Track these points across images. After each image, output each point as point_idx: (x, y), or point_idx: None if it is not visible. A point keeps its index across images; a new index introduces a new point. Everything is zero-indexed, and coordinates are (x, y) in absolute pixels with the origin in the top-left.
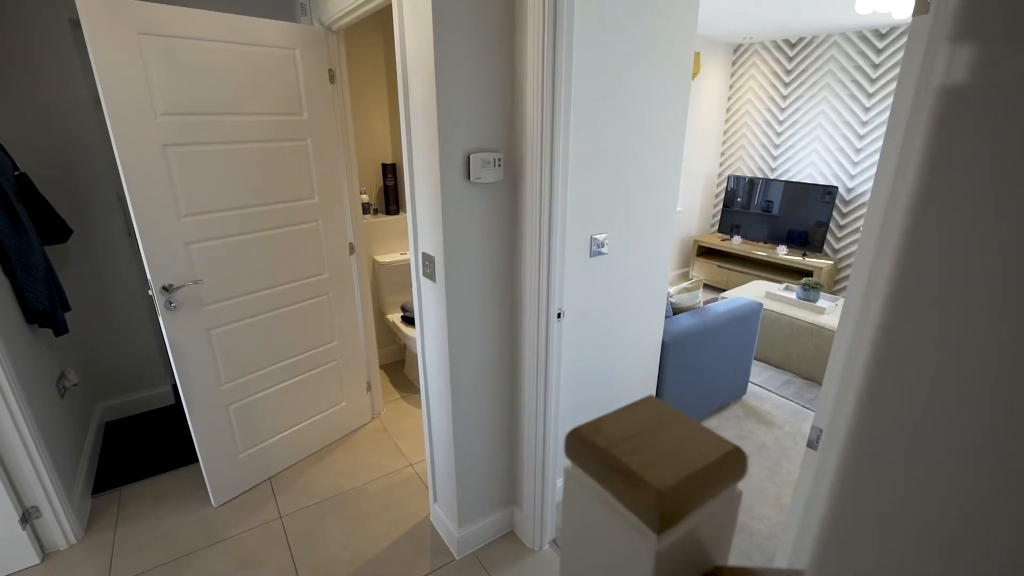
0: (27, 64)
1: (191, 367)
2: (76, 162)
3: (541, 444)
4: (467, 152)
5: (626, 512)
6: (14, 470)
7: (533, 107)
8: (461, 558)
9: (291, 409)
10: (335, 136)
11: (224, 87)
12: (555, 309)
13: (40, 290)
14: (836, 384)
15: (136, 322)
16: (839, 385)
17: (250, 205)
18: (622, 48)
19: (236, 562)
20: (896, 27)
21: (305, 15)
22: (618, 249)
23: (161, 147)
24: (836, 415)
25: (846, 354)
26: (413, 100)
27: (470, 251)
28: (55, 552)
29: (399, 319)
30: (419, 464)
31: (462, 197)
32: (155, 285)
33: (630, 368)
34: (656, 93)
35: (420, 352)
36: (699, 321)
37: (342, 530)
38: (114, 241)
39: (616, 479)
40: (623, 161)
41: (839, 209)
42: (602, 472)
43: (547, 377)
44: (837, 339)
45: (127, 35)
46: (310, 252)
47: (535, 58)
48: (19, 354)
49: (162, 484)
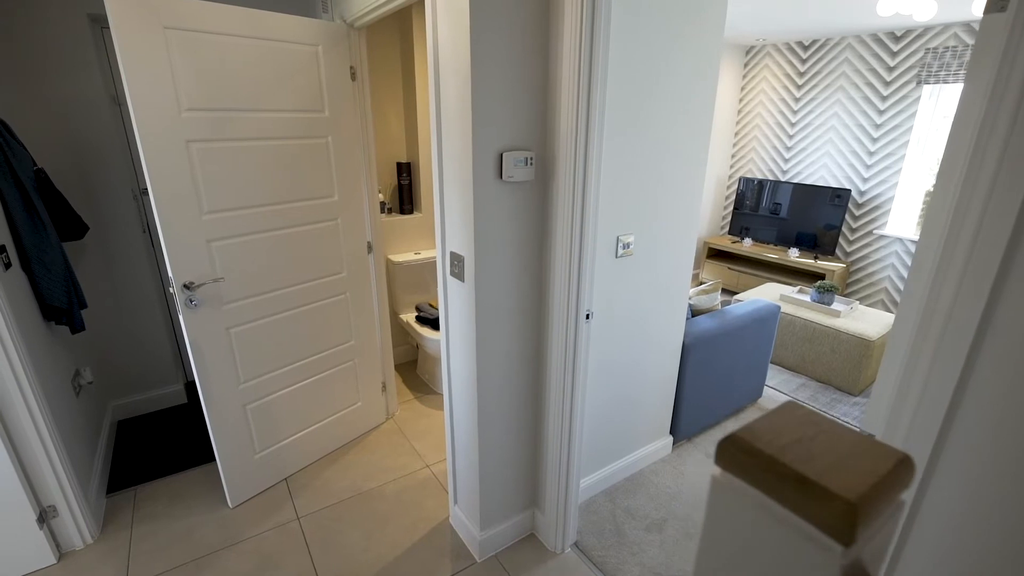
0: (45, 58)
1: (210, 366)
2: (92, 158)
3: (566, 446)
4: (500, 151)
5: (803, 524)
6: (32, 469)
7: (568, 106)
8: (483, 561)
9: (307, 409)
10: (355, 134)
11: (247, 83)
12: (584, 310)
13: (58, 287)
14: (892, 392)
15: (149, 320)
16: (896, 393)
17: (270, 203)
18: (653, 49)
19: (255, 564)
20: (911, 29)
21: (326, 12)
22: (643, 250)
23: (184, 143)
24: (894, 423)
25: (904, 363)
26: (445, 98)
27: (500, 250)
28: (71, 552)
29: (413, 319)
30: (436, 465)
31: (493, 196)
32: (176, 283)
33: (651, 369)
34: (684, 95)
35: (444, 353)
36: (719, 323)
37: (361, 532)
38: (128, 239)
39: (789, 488)
40: (651, 162)
41: (851, 212)
42: (770, 481)
43: (574, 378)
44: (892, 346)
45: (153, 29)
46: (329, 251)
47: (571, 56)
48: (38, 351)
49: (176, 484)
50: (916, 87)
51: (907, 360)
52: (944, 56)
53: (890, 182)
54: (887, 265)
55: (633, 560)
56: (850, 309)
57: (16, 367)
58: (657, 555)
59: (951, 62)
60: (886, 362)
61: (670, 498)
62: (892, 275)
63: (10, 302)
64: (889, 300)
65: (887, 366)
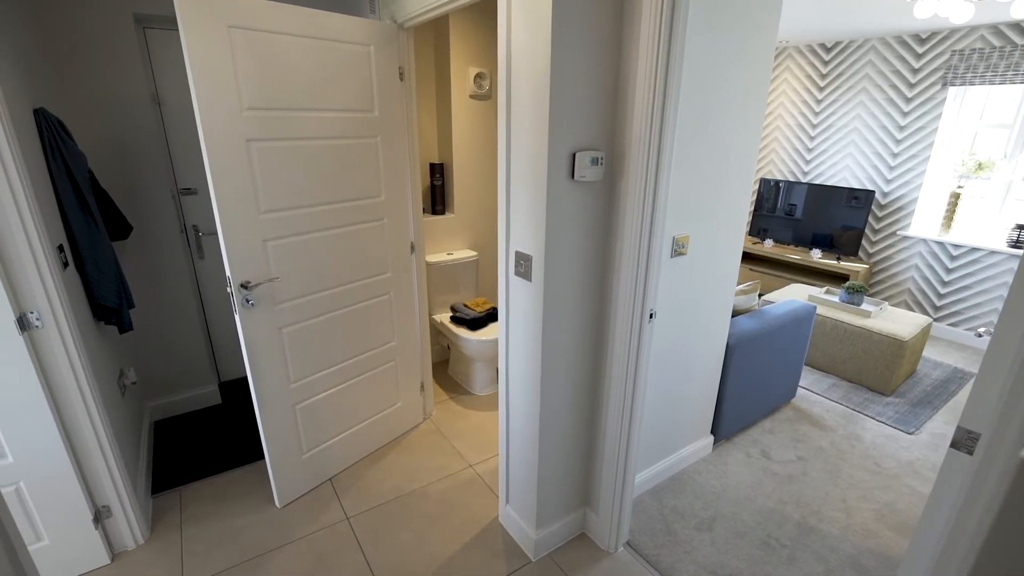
0: (90, 58)
1: (264, 366)
2: (133, 158)
3: (625, 444)
4: (572, 151)
5: None
6: (88, 469)
7: (642, 105)
8: (537, 560)
9: (351, 409)
10: (402, 134)
11: (303, 82)
12: (649, 309)
13: (109, 287)
14: (1000, 386)
15: (185, 321)
16: (1010, 389)
17: (322, 202)
18: (714, 51)
19: (310, 564)
20: (937, 31)
21: (373, 12)
22: (697, 250)
23: (244, 142)
24: (1006, 420)
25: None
26: (517, 99)
27: (567, 250)
28: (124, 552)
29: (448, 319)
30: (479, 465)
31: (564, 196)
32: (234, 282)
33: (697, 369)
34: (740, 105)
35: (503, 351)
36: (759, 323)
37: (411, 532)
38: (166, 239)
39: None
40: (708, 167)
41: (874, 213)
42: None
43: (636, 377)
44: (997, 341)
45: (218, 28)
46: (375, 251)
47: (648, 56)
48: (93, 351)
49: (219, 484)
50: (941, 89)
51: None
52: (971, 58)
53: (914, 183)
54: (911, 266)
55: (687, 559)
56: (880, 310)
57: (76, 366)
58: (710, 553)
59: (978, 64)
60: (989, 357)
61: (715, 497)
62: (916, 276)
63: (71, 301)
64: (912, 301)
65: (991, 362)
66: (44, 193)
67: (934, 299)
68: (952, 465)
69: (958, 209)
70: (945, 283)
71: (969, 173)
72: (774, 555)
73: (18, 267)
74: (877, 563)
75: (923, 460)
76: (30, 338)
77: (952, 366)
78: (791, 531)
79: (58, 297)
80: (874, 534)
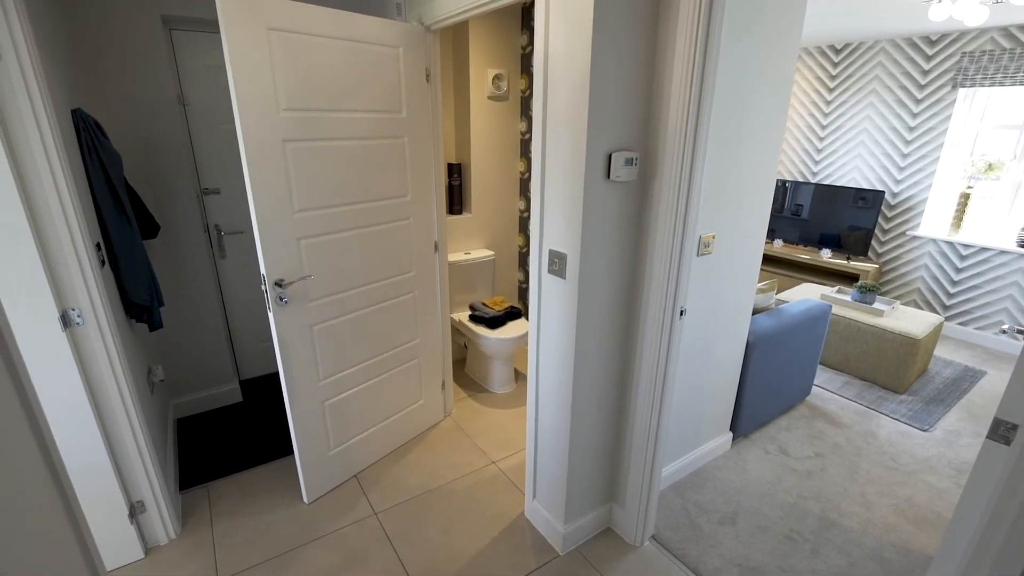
0: (118, 58)
1: (295, 363)
2: (160, 158)
3: (653, 439)
4: (608, 151)
5: None
6: (124, 464)
7: (677, 106)
8: (565, 554)
9: (375, 406)
10: (427, 135)
11: (336, 84)
12: (680, 307)
13: (142, 284)
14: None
15: (209, 319)
16: None
17: (352, 202)
18: (742, 55)
19: (341, 558)
20: (947, 34)
21: (400, 14)
22: (722, 249)
23: (281, 143)
24: None
25: None
26: (554, 100)
27: (601, 248)
28: (156, 547)
29: (467, 318)
30: (501, 462)
31: (599, 195)
32: (268, 280)
33: (719, 367)
34: (764, 110)
35: (533, 349)
36: (777, 322)
37: (439, 527)
38: (191, 238)
39: None
40: (734, 169)
41: (884, 214)
42: None
43: (666, 373)
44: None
45: (258, 30)
46: (401, 250)
47: (684, 59)
48: (128, 348)
49: (246, 481)
50: (951, 91)
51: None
52: (981, 60)
53: (923, 184)
54: (920, 266)
55: (713, 552)
56: (892, 309)
57: (114, 363)
58: (735, 547)
59: (988, 66)
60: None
61: (737, 492)
62: (925, 275)
63: (109, 298)
64: (922, 300)
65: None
66: (82, 192)
67: (944, 298)
68: (989, 455)
69: (968, 209)
70: (955, 283)
71: (979, 174)
72: (797, 548)
73: (61, 265)
74: (899, 556)
75: (939, 456)
76: (71, 335)
77: (963, 364)
78: (813, 525)
79: (98, 294)
80: (895, 528)
